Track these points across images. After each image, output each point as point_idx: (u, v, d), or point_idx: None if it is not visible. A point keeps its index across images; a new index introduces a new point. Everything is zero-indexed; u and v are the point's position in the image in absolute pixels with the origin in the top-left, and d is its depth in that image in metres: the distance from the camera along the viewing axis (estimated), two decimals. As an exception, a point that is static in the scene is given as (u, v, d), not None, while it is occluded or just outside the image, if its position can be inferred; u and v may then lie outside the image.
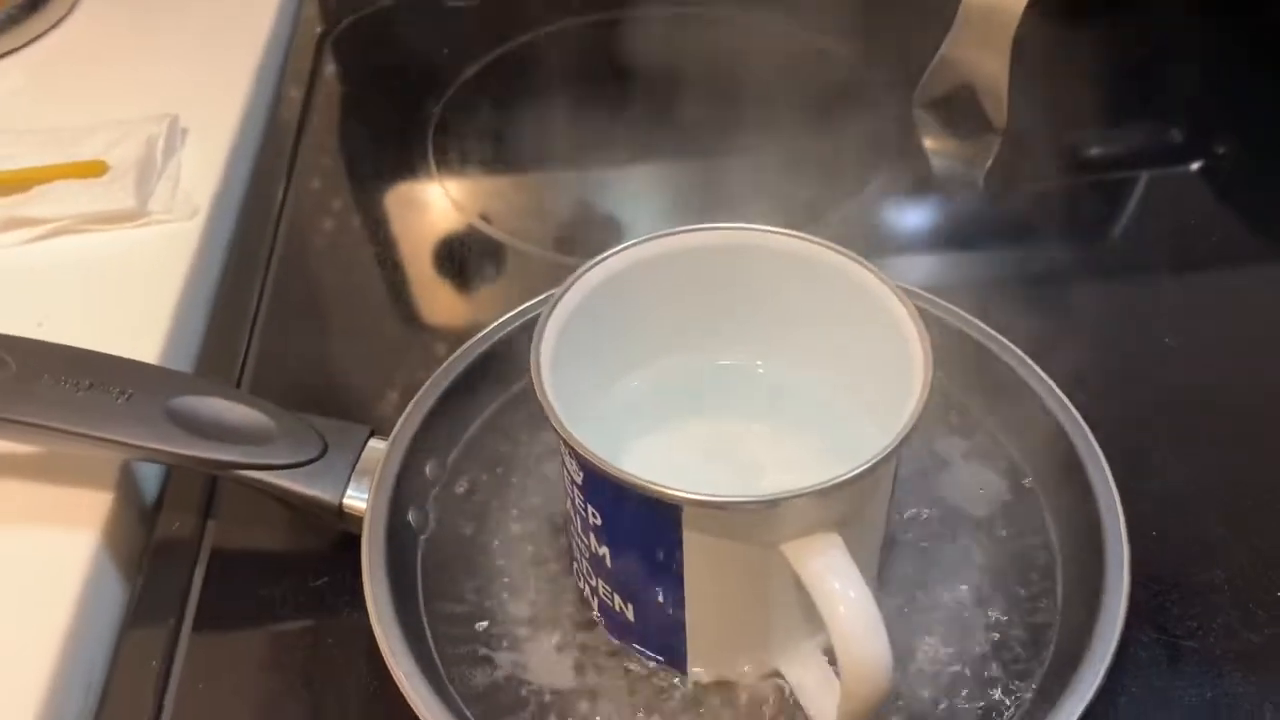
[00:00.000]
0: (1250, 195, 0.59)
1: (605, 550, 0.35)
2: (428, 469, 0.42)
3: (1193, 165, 0.62)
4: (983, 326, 0.45)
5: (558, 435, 0.33)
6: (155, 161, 0.58)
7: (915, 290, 0.43)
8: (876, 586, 0.38)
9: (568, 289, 0.37)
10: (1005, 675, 0.37)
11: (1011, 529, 0.41)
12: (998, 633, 0.38)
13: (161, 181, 0.58)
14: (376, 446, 0.41)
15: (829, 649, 0.32)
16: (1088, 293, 0.54)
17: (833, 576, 0.31)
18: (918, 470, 0.43)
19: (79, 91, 0.65)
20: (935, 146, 0.63)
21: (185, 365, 0.52)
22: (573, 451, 0.33)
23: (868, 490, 0.34)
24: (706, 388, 0.41)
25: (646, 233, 0.39)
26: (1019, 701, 0.36)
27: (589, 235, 0.59)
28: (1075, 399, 0.42)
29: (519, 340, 0.44)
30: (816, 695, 0.35)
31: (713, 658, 0.37)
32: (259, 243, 0.58)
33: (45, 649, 0.39)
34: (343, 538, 0.41)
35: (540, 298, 0.39)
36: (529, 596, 0.40)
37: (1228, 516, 0.43)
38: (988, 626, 0.38)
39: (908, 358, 0.34)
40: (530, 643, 0.38)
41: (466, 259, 0.57)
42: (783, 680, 0.37)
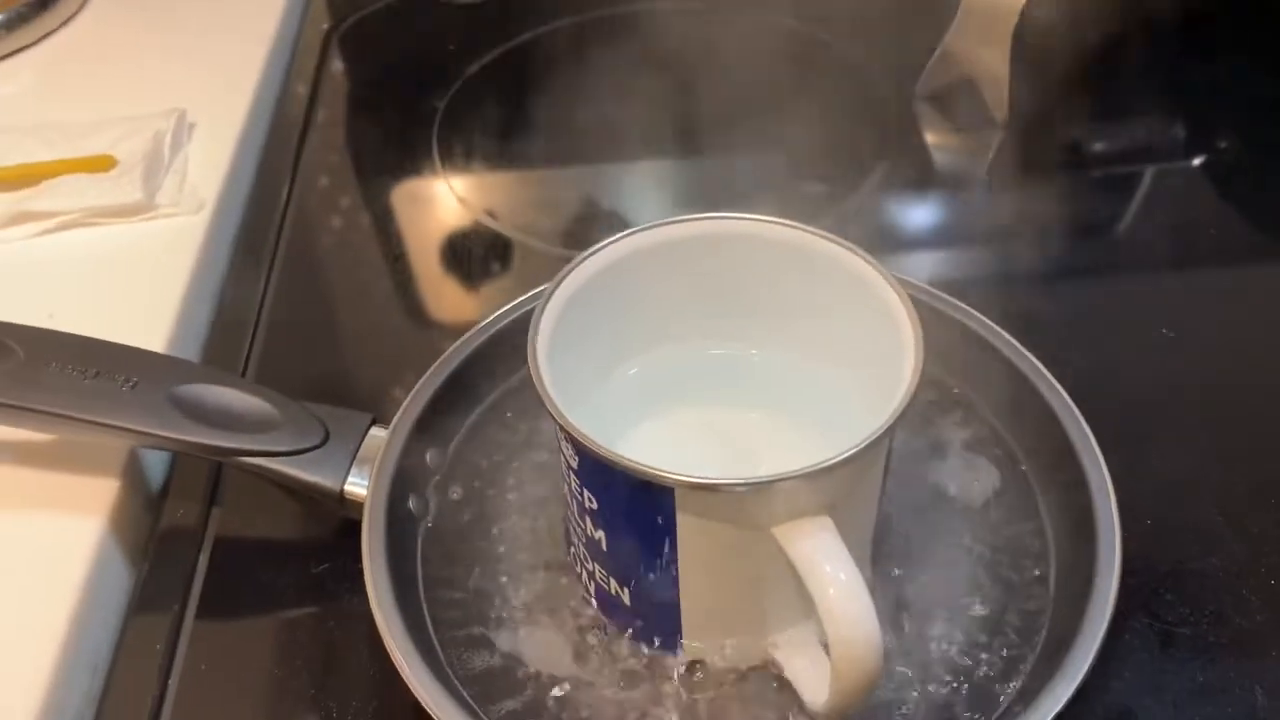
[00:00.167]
0: (1252, 190, 0.59)
1: (601, 534, 0.35)
2: (428, 457, 0.43)
3: (1195, 160, 0.62)
4: (982, 319, 0.45)
5: (554, 421, 0.33)
6: (162, 156, 0.59)
7: (912, 281, 0.43)
8: (870, 570, 0.39)
9: (564, 278, 0.37)
10: (998, 660, 0.37)
11: (1006, 516, 0.41)
12: (991, 618, 0.38)
13: (169, 176, 0.58)
14: (378, 434, 0.42)
15: (822, 631, 0.32)
16: (1087, 285, 0.54)
17: (823, 559, 0.31)
18: (914, 457, 0.43)
19: (88, 88, 0.66)
20: (937, 140, 0.63)
21: (192, 356, 0.52)
22: (568, 436, 0.33)
23: (859, 473, 0.34)
24: (702, 376, 0.41)
25: (649, 226, 0.39)
26: (1012, 685, 0.36)
27: (593, 229, 0.59)
28: (1073, 389, 0.42)
29: (518, 331, 0.44)
30: (808, 677, 0.35)
31: (707, 641, 0.37)
32: (265, 236, 0.58)
33: (52, 632, 0.40)
34: (344, 525, 0.41)
35: (539, 289, 0.39)
36: (527, 582, 0.40)
37: (1223, 506, 0.43)
38: (981, 612, 0.38)
39: (900, 344, 0.35)
40: (528, 627, 0.39)
41: (471, 253, 0.58)
42: (777, 663, 0.37)
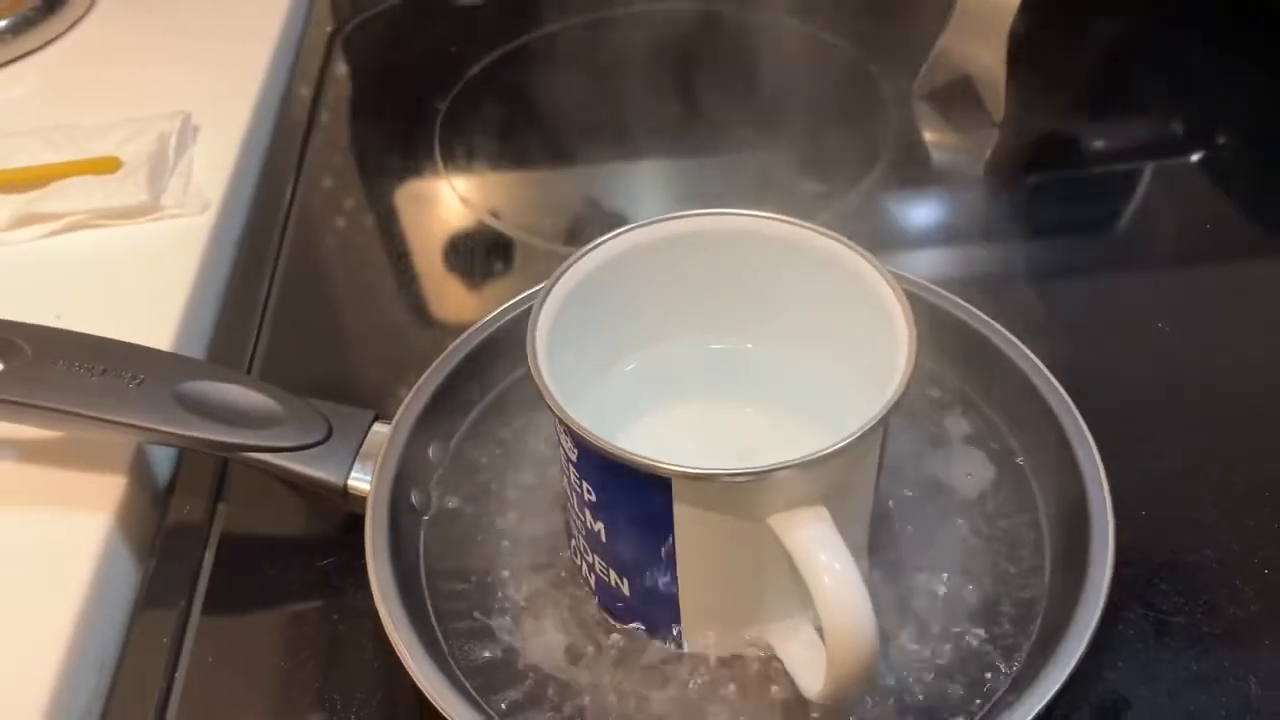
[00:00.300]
0: (1251, 186, 0.60)
1: (600, 526, 0.36)
2: (430, 452, 0.43)
3: (1192, 156, 0.62)
4: (980, 315, 0.45)
5: (553, 414, 0.34)
6: (167, 158, 0.59)
7: (909, 276, 0.43)
8: (866, 560, 0.39)
9: (562, 274, 0.38)
10: (994, 648, 0.37)
11: (1002, 508, 0.42)
12: (987, 607, 0.39)
13: (174, 177, 0.59)
14: (380, 430, 0.42)
15: (818, 620, 0.32)
16: (1084, 281, 0.55)
17: (818, 548, 0.32)
18: (911, 450, 0.43)
19: (94, 91, 0.66)
20: (935, 138, 0.64)
21: (197, 355, 0.52)
22: (568, 429, 0.34)
23: (853, 464, 0.34)
24: (700, 371, 0.41)
25: (649, 225, 0.39)
26: (1007, 672, 0.37)
27: (595, 228, 0.59)
28: (1070, 384, 0.42)
29: (518, 328, 0.44)
30: (805, 665, 0.36)
31: (706, 630, 0.37)
32: (269, 237, 0.59)
33: (60, 628, 0.40)
34: (348, 520, 0.42)
35: (539, 286, 0.40)
36: (528, 574, 0.41)
37: (1218, 499, 0.43)
38: (977, 601, 0.39)
39: (894, 338, 0.35)
40: (529, 619, 0.39)
41: (473, 252, 0.58)
42: (775, 651, 0.37)
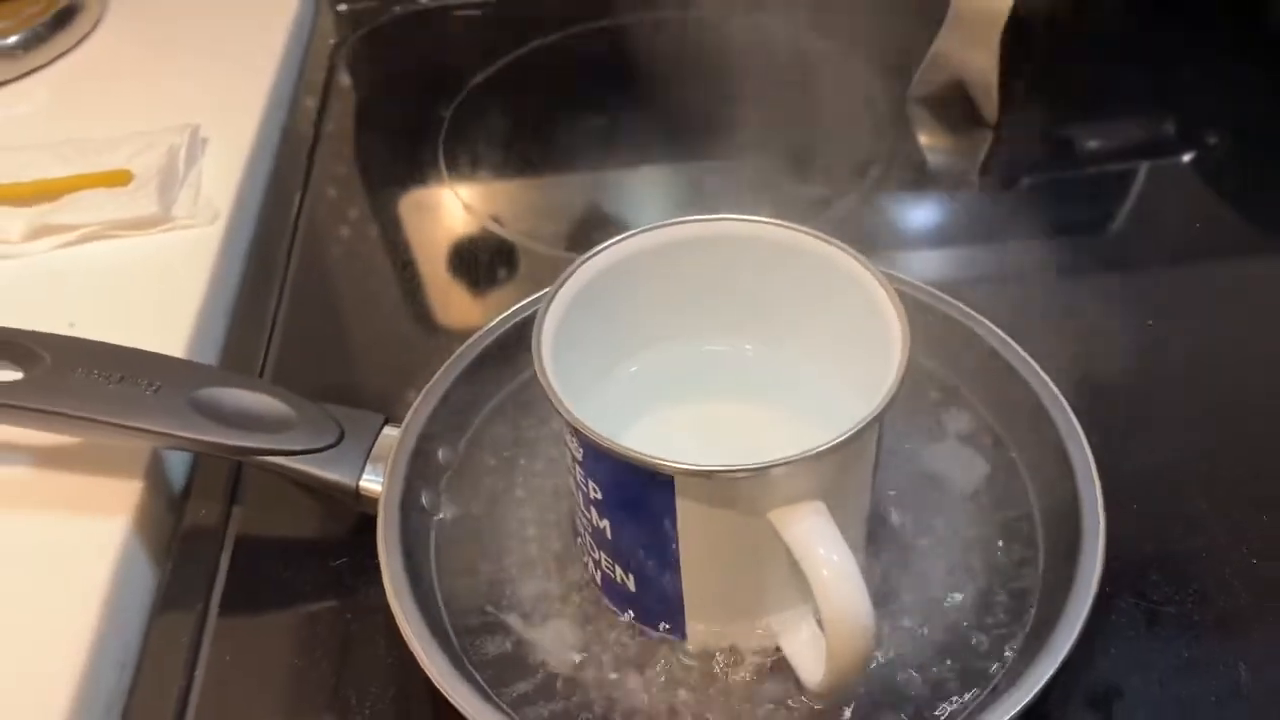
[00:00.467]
0: (1243, 185, 0.60)
1: (605, 523, 0.37)
2: (440, 453, 0.44)
3: (1184, 157, 0.63)
4: (975, 315, 0.46)
5: (559, 415, 0.35)
6: (177, 170, 0.60)
7: (903, 277, 0.45)
8: (864, 553, 0.40)
9: (566, 279, 0.38)
10: (988, 637, 0.38)
11: (996, 501, 0.43)
12: (982, 599, 0.40)
13: (184, 189, 0.60)
14: (390, 433, 0.43)
15: (818, 612, 0.33)
16: (1077, 280, 0.55)
17: (817, 542, 0.33)
18: (907, 447, 0.44)
19: (103, 105, 0.67)
20: (929, 141, 0.64)
21: (210, 362, 0.53)
22: (573, 429, 0.35)
23: (849, 460, 0.35)
24: (700, 372, 0.42)
25: (650, 230, 0.40)
26: (1002, 661, 0.38)
27: (597, 233, 0.60)
28: (1063, 382, 0.43)
29: (524, 332, 0.45)
30: (806, 657, 0.36)
31: (710, 623, 0.38)
32: (278, 245, 0.60)
33: (81, 630, 0.41)
34: (360, 521, 0.42)
35: (544, 292, 0.41)
36: (536, 572, 0.41)
37: (1208, 492, 0.44)
38: (972, 593, 0.40)
39: (889, 338, 0.36)
40: (538, 615, 0.40)
41: (478, 259, 0.59)
42: (777, 643, 0.38)
